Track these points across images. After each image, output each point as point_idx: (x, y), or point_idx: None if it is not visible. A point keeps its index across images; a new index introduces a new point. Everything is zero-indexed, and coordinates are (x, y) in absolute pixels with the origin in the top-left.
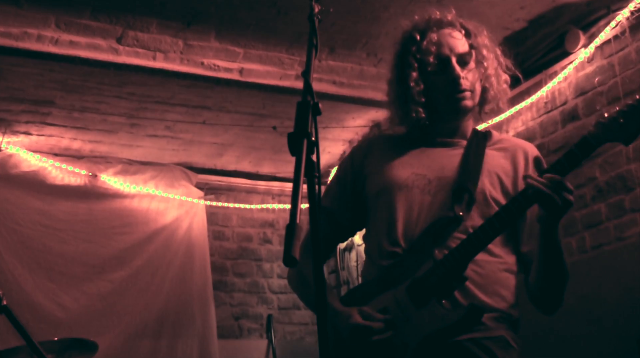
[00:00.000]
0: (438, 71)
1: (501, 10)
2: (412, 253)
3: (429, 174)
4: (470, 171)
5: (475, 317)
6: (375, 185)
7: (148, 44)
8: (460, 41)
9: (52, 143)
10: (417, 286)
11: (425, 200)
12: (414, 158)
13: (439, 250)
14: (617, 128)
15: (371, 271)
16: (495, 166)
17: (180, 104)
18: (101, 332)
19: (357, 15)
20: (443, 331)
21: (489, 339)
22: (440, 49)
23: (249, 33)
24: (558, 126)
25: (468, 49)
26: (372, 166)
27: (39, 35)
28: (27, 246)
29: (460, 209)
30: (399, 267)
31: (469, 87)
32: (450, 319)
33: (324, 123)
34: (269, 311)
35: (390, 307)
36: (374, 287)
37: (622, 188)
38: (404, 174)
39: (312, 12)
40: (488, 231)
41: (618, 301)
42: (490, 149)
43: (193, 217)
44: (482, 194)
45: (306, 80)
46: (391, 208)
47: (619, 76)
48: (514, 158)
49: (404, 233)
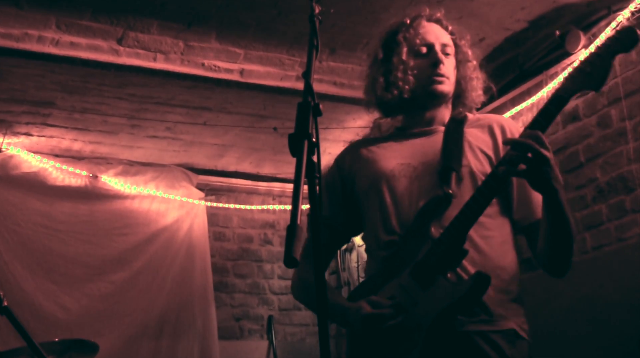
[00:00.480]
0: (421, 54)
1: (502, 11)
2: (409, 238)
3: (413, 162)
4: (453, 151)
5: (483, 284)
6: (363, 182)
7: (149, 45)
8: (445, 35)
9: (52, 144)
10: (420, 269)
11: (413, 186)
12: (397, 150)
13: (435, 229)
14: (585, 77)
15: (373, 265)
16: (476, 141)
17: (180, 105)
18: (102, 332)
19: (357, 16)
20: (454, 305)
21: (497, 333)
22: (425, 35)
23: (249, 34)
24: (559, 127)
25: (451, 43)
26: (357, 166)
27: (39, 36)
28: (27, 247)
29: (449, 187)
30: (398, 255)
31: (447, 75)
32: (459, 291)
33: (325, 124)
34: (269, 312)
35: (397, 295)
36: (378, 280)
37: (622, 189)
38: (390, 165)
39: (313, 13)
40: (479, 200)
41: (619, 302)
42: (468, 128)
43: (194, 218)
44: (469, 170)
45: (307, 81)
46: (382, 199)
47: (619, 77)
48: (491, 131)
49: (398, 221)
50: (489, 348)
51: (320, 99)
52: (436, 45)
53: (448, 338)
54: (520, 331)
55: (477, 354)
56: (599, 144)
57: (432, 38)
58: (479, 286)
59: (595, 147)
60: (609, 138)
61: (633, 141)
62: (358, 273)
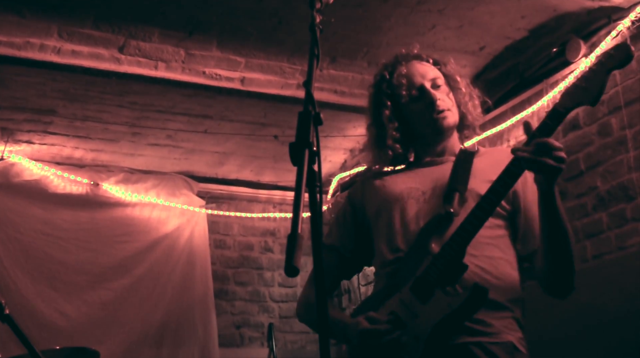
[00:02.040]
0: (414, 99)
1: (502, 20)
2: (411, 255)
3: (422, 187)
4: (460, 176)
5: (480, 296)
6: (373, 207)
7: (150, 54)
8: (430, 68)
9: (54, 151)
10: (420, 283)
11: (421, 208)
12: (407, 176)
13: (435, 245)
14: (581, 92)
15: (378, 283)
16: (484, 170)
17: (181, 113)
18: (102, 340)
19: (358, 24)
20: (451, 316)
21: (496, 345)
22: (411, 79)
23: (250, 42)
24: (559, 135)
25: (440, 75)
26: (368, 195)
27: (41, 44)
28: (28, 254)
29: (451, 206)
30: (400, 271)
31: (447, 107)
32: (456, 302)
33: (325, 132)
34: (270, 320)
35: (397, 310)
36: (380, 296)
37: (623, 198)
38: (398, 189)
39: (314, 22)
40: (479, 215)
41: (619, 310)
42: (478, 158)
43: (194, 226)
44: (473, 193)
45: (308, 90)
46: (390, 220)
47: (619, 85)
48: (501, 162)
49: (403, 240)
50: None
51: (321, 107)
52: (426, 84)
53: (446, 350)
54: (519, 345)
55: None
56: (600, 153)
57: (418, 79)
58: (476, 298)
59: (595, 155)
60: (610, 147)
61: (633, 149)
62: (358, 280)
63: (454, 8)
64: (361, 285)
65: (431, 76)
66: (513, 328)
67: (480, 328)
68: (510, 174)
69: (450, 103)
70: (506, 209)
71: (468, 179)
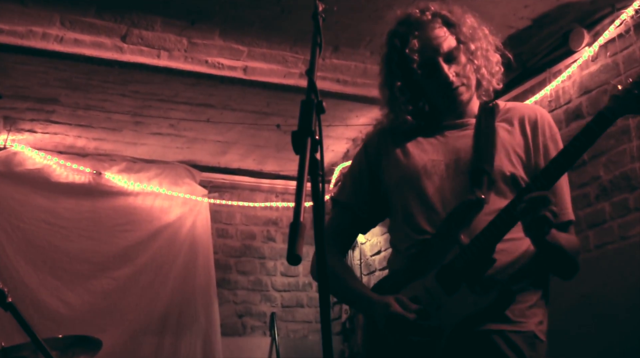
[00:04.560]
0: (427, 75)
1: (505, 9)
2: (438, 239)
3: (445, 159)
4: (484, 150)
5: (507, 299)
6: (393, 176)
7: (152, 43)
8: (444, 38)
9: (56, 140)
10: (446, 272)
11: (445, 186)
12: (428, 144)
13: (464, 235)
14: (632, 100)
15: (398, 261)
16: (508, 140)
17: (184, 102)
18: (105, 329)
19: (360, 13)
20: (476, 316)
21: (517, 334)
22: (424, 53)
23: (253, 31)
24: (562, 125)
25: (455, 43)
26: (386, 157)
27: (44, 33)
28: (31, 243)
29: (481, 192)
30: (425, 255)
31: (462, 83)
32: (482, 303)
33: (328, 121)
34: (272, 309)
35: (420, 296)
36: (403, 276)
37: (626, 187)
38: (421, 161)
39: (316, 10)
40: (510, 210)
41: (622, 300)
42: (500, 123)
43: (197, 215)
44: (501, 173)
45: (310, 79)
46: (413, 197)
47: (623, 75)
48: (522, 128)
49: (428, 221)
50: (508, 349)
51: (323, 96)
52: (439, 58)
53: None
54: (539, 333)
55: (496, 355)
56: (602, 143)
57: (431, 53)
58: (502, 300)
59: (598, 145)
60: (613, 136)
61: (636, 139)
62: (361, 270)
63: None
64: (364, 274)
65: (445, 48)
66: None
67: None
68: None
69: (466, 76)
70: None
71: (494, 155)
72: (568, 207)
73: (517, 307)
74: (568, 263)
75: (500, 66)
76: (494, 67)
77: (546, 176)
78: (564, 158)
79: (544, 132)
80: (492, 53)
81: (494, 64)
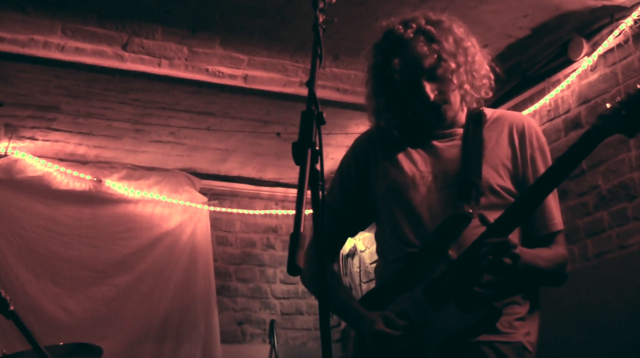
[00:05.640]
0: (409, 92)
1: (505, 19)
2: (426, 253)
3: (433, 171)
4: (472, 162)
5: (493, 318)
6: (381, 186)
7: (153, 51)
8: (426, 56)
9: (57, 148)
10: (434, 287)
11: (432, 198)
12: (416, 154)
13: (452, 250)
14: (619, 119)
15: (386, 272)
16: (495, 151)
17: (184, 110)
18: (105, 336)
19: (360, 22)
20: (463, 333)
21: (506, 344)
22: (405, 72)
23: (253, 40)
24: (561, 134)
25: (437, 61)
26: (375, 165)
27: (45, 42)
28: (32, 250)
29: (469, 206)
30: (413, 268)
31: (444, 100)
32: (469, 321)
33: (328, 130)
34: (271, 316)
35: (408, 310)
36: (391, 289)
37: (624, 196)
38: (409, 172)
39: (317, 22)
40: (498, 228)
41: (620, 309)
42: (487, 132)
43: (197, 222)
44: (488, 186)
45: (310, 89)
46: (400, 208)
47: (622, 84)
48: (510, 137)
49: (415, 233)
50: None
51: (323, 105)
52: (420, 78)
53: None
54: (527, 344)
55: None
56: (601, 152)
57: (412, 73)
58: (489, 318)
59: (597, 154)
60: (611, 146)
61: (635, 148)
62: (360, 278)
63: (456, 7)
64: (363, 282)
65: (426, 66)
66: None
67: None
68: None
69: (448, 93)
70: (514, 197)
71: (481, 166)
72: (555, 218)
73: (506, 319)
74: (549, 278)
75: (489, 77)
76: (479, 81)
77: (533, 194)
78: (551, 176)
79: (532, 143)
80: (478, 66)
81: (479, 78)
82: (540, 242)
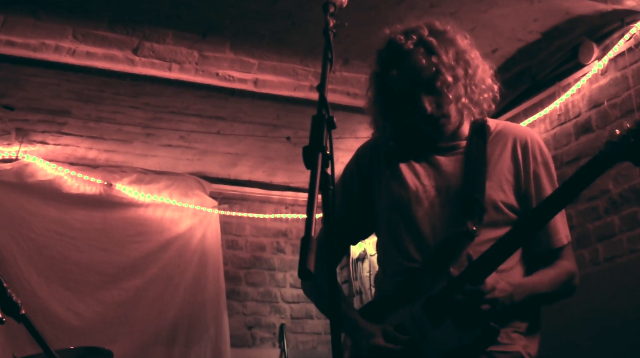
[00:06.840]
0: (407, 103)
1: (515, 23)
2: (427, 268)
3: (436, 184)
4: (475, 177)
5: (491, 336)
6: (384, 198)
7: (164, 55)
8: (424, 69)
9: (68, 152)
10: (433, 303)
11: (435, 213)
12: (420, 167)
13: (454, 268)
14: (627, 147)
15: (386, 285)
16: (499, 167)
17: (195, 115)
18: (115, 340)
19: (371, 27)
20: (460, 350)
21: (505, 354)
22: (403, 84)
23: (263, 44)
24: (571, 138)
25: (436, 74)
26: (377, 176)
27: (56, 46)
28: (42, 254)
29: (472, 223)
30: (414, 283)
31: (442, 114)
32: (466, 340)
33: (338, 134)
34: (281, 320)
35: (406, 324)
36: (390, 302)
37: (635, 201)
38: (412, 186)
39: (327, 26)
40: (500, 248)
41: (631, 313)
42: (491, 146)
43: (207, 226)
44: (492, 203)
45: (321, 94)
46: (402, 222)
47: (632, 89)
48: (514, 152)
49: (417, 249)
50: None
51: (334, 109)
52: (418, 91)
53: None
54: (526, 355)
55: None
56: None
57: (410, 86)
58: (486, 337)
59: None
60: None
61: None
62: (370, 282)
63: (466, 11)
64: (372, 286)
65: (425, 79)
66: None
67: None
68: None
69: (446, 107)
70: (518, 213)
71: (484, 182)
72: (560, 232)
73: (504, 330)
74: (555, 298)
75: (492, 91)
76: (478, 95)
77: (538, 216)
78: (556, 200)
79: (535, 158)
80: (479, 79)
81: (479, 92)
82: (544, 257)
